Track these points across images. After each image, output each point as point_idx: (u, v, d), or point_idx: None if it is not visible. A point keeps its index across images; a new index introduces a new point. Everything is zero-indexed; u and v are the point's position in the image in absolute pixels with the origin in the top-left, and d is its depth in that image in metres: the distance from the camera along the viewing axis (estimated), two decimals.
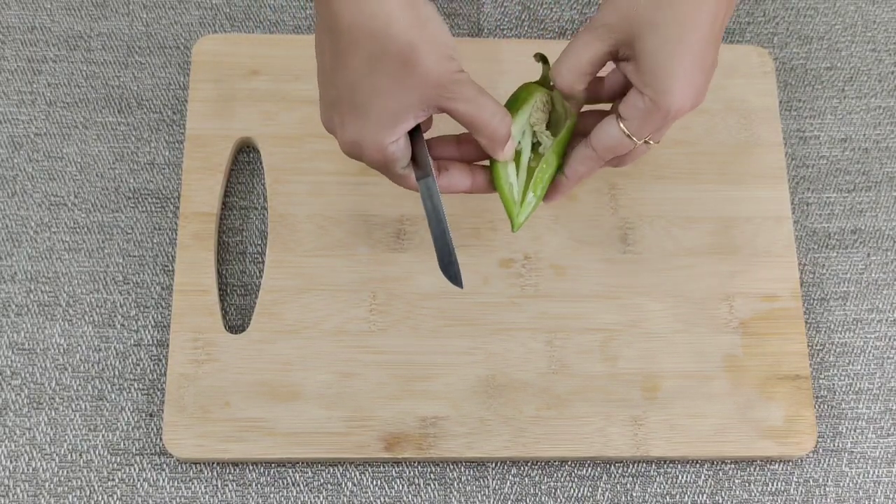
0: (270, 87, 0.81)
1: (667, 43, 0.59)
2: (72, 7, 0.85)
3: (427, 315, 0.76)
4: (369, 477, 0.75)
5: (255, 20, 0.86)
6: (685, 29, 0.59)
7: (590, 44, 0.62)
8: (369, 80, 0.58)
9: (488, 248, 0.78)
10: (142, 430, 0.75)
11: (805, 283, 0.81)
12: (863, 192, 0.84)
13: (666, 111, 0.60)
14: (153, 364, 0.76)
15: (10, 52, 0.84)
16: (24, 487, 0.73)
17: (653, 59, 0.59)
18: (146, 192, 0.81)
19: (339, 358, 0.75)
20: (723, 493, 0.76)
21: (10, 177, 0.80)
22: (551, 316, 0.77)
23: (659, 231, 0.79)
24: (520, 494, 0.75)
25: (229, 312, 0.78)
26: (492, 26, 0.87)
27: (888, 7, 0.90)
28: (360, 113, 0.59)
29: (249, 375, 0.74)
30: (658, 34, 0.59)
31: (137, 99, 0.83)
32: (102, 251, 0.79)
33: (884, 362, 0.80)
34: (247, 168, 0.82)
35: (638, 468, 0.76)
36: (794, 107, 0.86)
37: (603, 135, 0.63)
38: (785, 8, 0.90)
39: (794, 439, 0.75)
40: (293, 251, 0.77)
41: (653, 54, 0.59)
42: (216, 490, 0.74)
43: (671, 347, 0.77)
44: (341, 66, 0.59)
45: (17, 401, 0.75)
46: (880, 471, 0.77)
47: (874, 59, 0.88)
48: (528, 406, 0.75)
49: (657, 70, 0.59)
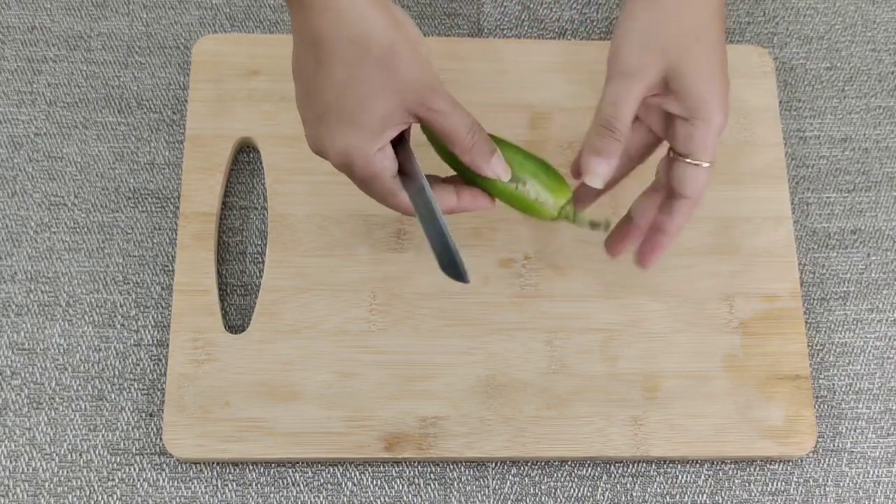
0: (270, 87, 0.81)
1: (702, 67, 0.62)
2: (72, 7, 0.85)
3: (427, 315, 0.76)
4: (369, 477, 0.75)
5: (255, 20, 0.86)
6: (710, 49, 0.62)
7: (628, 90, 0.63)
8: (353, 87, 0.59)
9: (488, 248, 0.78)
10: (142, 430, 0.75)
11: (805, 283, 0.81)
12: (863, 192, 0.84)
13: (718, 127, 0.63)
14: (153, 364, 0.76)
15: (10, 52, 0.84)
16: (24, 487, 0.73)
17: (695, 86, 0.62)
18: (146, 192, 0.81)
19: (339, 358, 0.75)
20: (723, 493, 0.76)
21: (10, 177, 0.80)
22: (551, 316, 0.77)
23: None
24: (520, 494, 0.75)
25: (229, 312, 0.78)
26: (492, 26, 0.87)
27: (888, 7, 0.90)
28: (347, 122, 0.60)
29: (249, 375, 0.74)
30: (694, 61, 0.62)
31: (137, 99, 0.83)
32: (102, 251, 0.79)
33: (884, 362, 0.80)
34: (247, 168, 0.82)
35: (638, 468, 0.76)
36: (794, 107, 0.86)
37: (691, 181, 0.65)
38: (785, 8, 0.90)
39: (794, 439, 0.75)
40: (293, 251, 0.77)
41: (694, 81, 0.62)
42: (216, 490, 0.74)
43: (671, 347, 0.77)
44: (325, 77, 0.59)
45: (17, 401, 0.75)
46: (880, 471, 0.77)
47: (874, 59, 0.88)
48: (528, 406, 0.75)
49: (702, 94, 0.62)
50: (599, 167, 0.63)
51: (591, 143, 0.64)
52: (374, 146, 0.60)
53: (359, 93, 0.59)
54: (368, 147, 0.60)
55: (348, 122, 0.60)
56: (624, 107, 0.63)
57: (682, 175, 0.65)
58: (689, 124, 0.63)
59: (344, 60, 0.58)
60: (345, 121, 0.60)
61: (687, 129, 0.63)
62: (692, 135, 0.63)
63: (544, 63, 0.83)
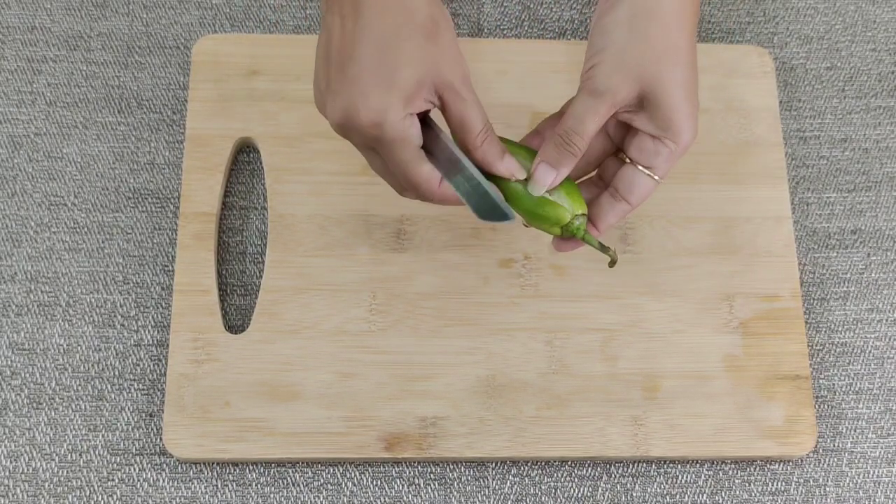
0: (270, 87, 0.81)
1: (676, 89, 0.62)
2: (72, 7, 0.85)
3: (427, 315, 0.76)
4: (369, 477, 0.75)
5: (255, 20, 0.86)
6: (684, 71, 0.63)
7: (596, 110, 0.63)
8: (395, 47, 0.59)
9: (488, 248, 0.78)
10: (142, 430, 0.75)
11: (805, 283, 0.81)
12: (863, 192, 0.84)
13: (684, 147, 0.64)
14: (153, 364, 0.76)
15: (10, 52, 0.84)
16: (24, 487, 0.73)
17: (670, 109, 0.62)
18: (146, 192, 0.81)
19: (339, 358, 0.75)
20: (723, 493, 0.76)
21: (10, 177, 0.80)
22: (551, 316, 0.77)
23: (659, 231, 0.80)
24: (520, 494, 0.75)
25: (229, 312, 0.78)
26: (492, 26, 0.87)
27: (888, 7, 0.90)
28: (385, 81, 0.59)
29: (249, 375, 0.74)
30: (669, 84, 0.62)
31: (137, 99, 0.83)
32: (102, 251, 0.79)
33: (884, 362, 0.80)
34: (247, 168, 0.82)
35: (638, 468, 0.76)
36: (794, 107, 0.86)
37: (637, 188, 0.65)
38: (785, 8, 0.90)
39: (794, 439, 0.75)
40: (293, 251, 0.77)
41: (669, 104, 0.62)
42: (216, 490, 0.74)
43: (671, 347, 0.77)
44: (366, 37, 0.59)
45: (17, 401, 0.75)
46: (880, 471, 0.77)
47: (874, 59, 0.88)
48: (528, 406, 0.75)
49: (673, 115, 0.63)
50: (547, 177, 0.64)
51: (546, 152, 0.64)
52: (405, 109, 0.60)
53: (399, 54, 0.59)
54: (401, 108, 0.60)
55: (386, 82, 0.59)
56: (588, 124, 0.63)
57: (633, 181, 0.65)
58: (658, 142, 0.64)
59: (387, 22, 0.59)
60: (382, 80, 0.59)
61: (655, 147, 0.64)
62: (659, 152, 0.64)
63: (544, 63, 0.83)
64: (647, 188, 0.66)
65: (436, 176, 0.63)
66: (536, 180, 0.64)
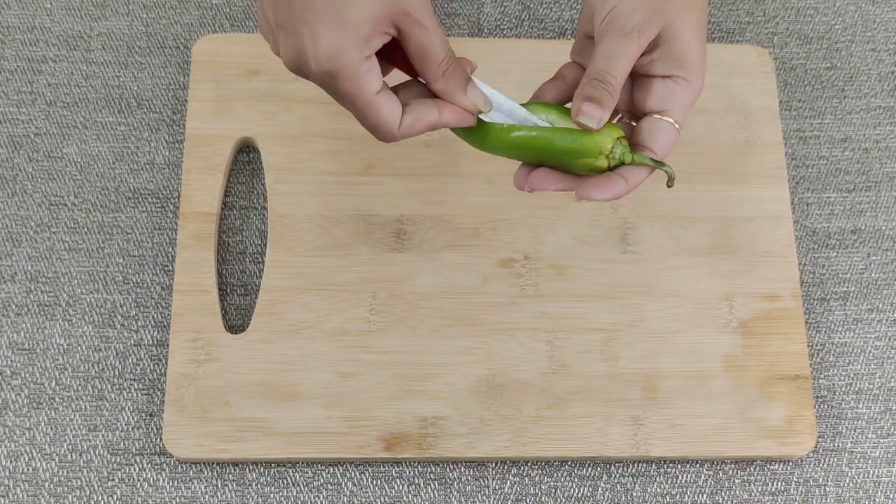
0: (270, 87, 0.81)
1: (694, 29, 0.62)
2: (72, 7, 0.85)
3: (427, 315, 0.76)
4: (369, 477, 0.75)
5: (255, 20, 0.86)
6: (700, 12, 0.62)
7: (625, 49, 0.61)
8: None
9: (488, 248, 0.78)
10: (142, 430, 0.75)
11: (805, 283, 0.81)
12: (863, 192, 0.84)
13: (698, 89, 0.63)
14: (153, 364, 0.76)
15: (10, 52, 0.84)
16: (24, 487, 0.73)
17: (684, 43, 0.61)
18: (146, 192, 0.81)
19: (339, 358, 0.75)
20: (723, 493, 0.76)
21: (10, 177, 0.80)
22: (551, 316, 0.77)
23: (659, 231, 0.80)
24: (520, 494, 0.75)
25: (229, 312, 0.78)
26: (492, 26, 0.87)
27: (888, 7, 0.90)
28: (334, 22, 0.56)
29: (249, 375, 0.74)
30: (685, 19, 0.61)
31: (137, 99, 0.83)
32: (102, 251, 0.79)
33: (884, 362, 0.80)
34: (247, 168, 0.82)
35: (638, 468, 0.76)
36: (794, 107, 0.86)
37: (662, 136, 0.63)
38: (785, 8, 0.90)
39: (794, 439, 0.75)
40: (293, 251, 0.77)
41: (688, 43, 0.61)
42: (216, 490, 0.74)
43: (671, 347, 0.77)
44: None
45: (17, 401, 0.75)
46: (880, 471, 0.77)
47: (874, 59, 0.88)
48: (528, 406, 0.75)
49: (687, 52, 0.62)
50: (594, 111, 0.60)
51: (583, 92, 0.61)
52: (361, 52, 0.57)
53: None
54: (356, 52, 0.57)
55: (335, 23, 0.56)
56: (620, 62, 0.60)
57: (654, 129, 0.63)
58: (671, 82, 0.62)
59: None
60: (331, 21, 0.56)
61: (668, 87, 0.62)
62: (672, 91, 0.62)
63: (544, 63, 0.83)
64: (669, 134, 0.63)
65: (395, 119, 0.60)
66: (586, 112, 0.60)
